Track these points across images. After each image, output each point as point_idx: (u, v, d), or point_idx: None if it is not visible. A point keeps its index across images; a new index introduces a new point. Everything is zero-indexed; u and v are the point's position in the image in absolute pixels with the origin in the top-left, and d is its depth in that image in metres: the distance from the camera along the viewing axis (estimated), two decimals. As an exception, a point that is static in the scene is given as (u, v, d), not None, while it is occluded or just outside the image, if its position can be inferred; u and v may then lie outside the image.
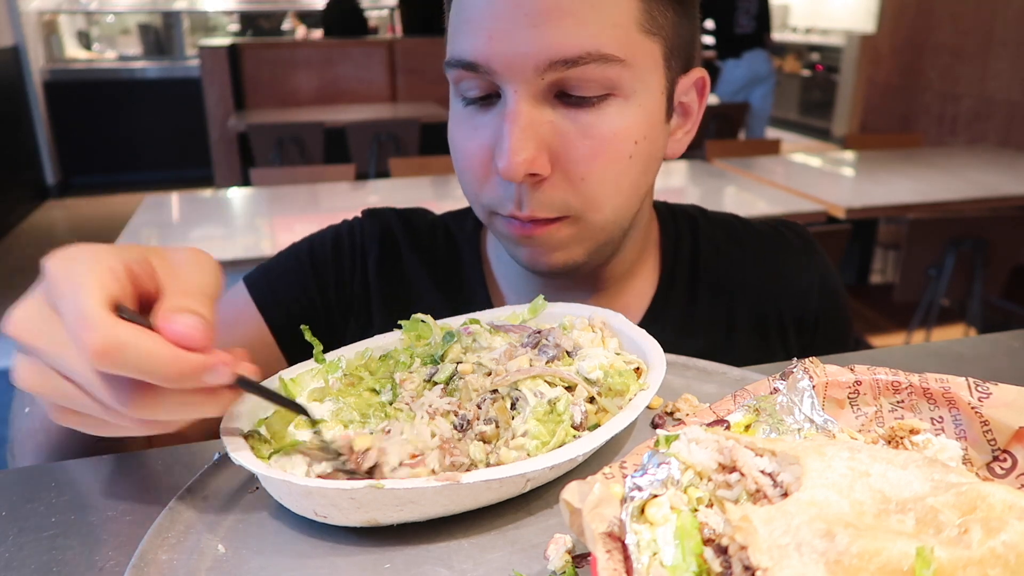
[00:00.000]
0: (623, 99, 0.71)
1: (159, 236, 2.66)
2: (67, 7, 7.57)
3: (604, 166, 0.72)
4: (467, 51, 0.70)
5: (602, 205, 0.74)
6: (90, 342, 0.41)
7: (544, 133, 0.70)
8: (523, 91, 0.69)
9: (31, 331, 0.45)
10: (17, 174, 6.39)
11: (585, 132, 0.71)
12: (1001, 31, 5.75)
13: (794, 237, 0.95)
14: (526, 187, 0.72)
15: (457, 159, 0.77)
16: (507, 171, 0.69)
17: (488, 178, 0.74)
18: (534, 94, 0.69)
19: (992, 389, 0.50)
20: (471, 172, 0.76)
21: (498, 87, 0.71)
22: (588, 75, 0.69)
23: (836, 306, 0.94)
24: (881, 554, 0.31)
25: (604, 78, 0.69)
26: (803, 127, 9.70)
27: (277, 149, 4.72)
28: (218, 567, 0.48)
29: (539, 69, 0.68)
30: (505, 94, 0.70)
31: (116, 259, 0.46)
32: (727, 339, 0.89)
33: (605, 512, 0.38)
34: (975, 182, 3.33)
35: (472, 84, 0.72)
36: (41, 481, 0.58)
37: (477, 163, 0.74)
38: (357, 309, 0.90)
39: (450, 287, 0.91)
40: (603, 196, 0.73)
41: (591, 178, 0.72)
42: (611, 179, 0.73)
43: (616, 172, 0.73)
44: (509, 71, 0.69)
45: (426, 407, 0.55)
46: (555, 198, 0.72)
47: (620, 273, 0.87)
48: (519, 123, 0.69)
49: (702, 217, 0.96)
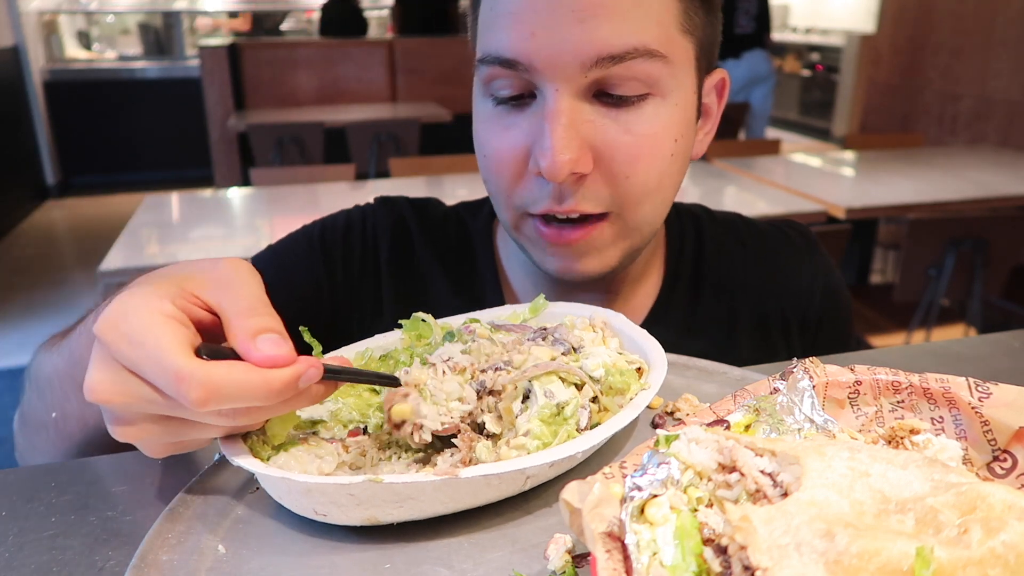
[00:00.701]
0: (661, 98, 0.71)
1: (159, 236, 2.65)
2: (67, 7, 7.57)
3: (648, 164, 0.71)
4: (505, 47, 0.68)
5: (642, 203, 0.73)
6: (191, 395, 0.43)
7: (586, 132, 0.69)
8: (565, 89, 0.68)
9: (120, 394, 0.46)
10: (17, 174, 6.39)
11: (627, 130, 0.70)
12: (1001, 31, 5.75)
13: (797, 237, 0.95)
14: (567, 185, 0.70)
15: (487, 160, 0.76)
16: (551, 170, 0.67)
17: (521, 179, 0.73)
18: (575, 92, 0.68)
19: (992, 389, 0.50)
20: (503, 174, 0.74)
21: (535, 86, 0.70)
22: (632, 72, 0.68)
23: (838, 306, 0.94)
24: (881, 554, 0.31)
25: (647, 75, 0.69)
26: (803, 127, 9.70)
27: (277, 149, 4.72)
28: (218, 567, 0.48)
29: (584, 66, 0.66)
30: (544, 92, 0.69)
31: (165, 303, 0.47)
32: (729, 338, 0.89)
33: (605, 512, 0.38)
34: (975, 182, 3.33)
35: (506, 83, 0.71)
36: (41, 481, 0.58)
37: (510, 164, 0.73)
38: (365, 298, 0.89)
39: (462, 280, 0.90)
40: (645, 195, 0.73)
41: (635, 177, 0.71)
42: (654, 178, 0.72)
43: (659, 171, 0.72)
44: (552, 68, 0.67)
45: (444, 359, 0.56)
46: (599, 194, 0.71)
47: (633, 276, 0.87)
48: (562, 122, 0.67)
49: (707, 216, 0.96)
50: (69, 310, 4.53)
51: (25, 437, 0.73)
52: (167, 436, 0.49)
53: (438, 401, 0.54)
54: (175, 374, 0.44)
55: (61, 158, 7.12)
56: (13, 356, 3.94)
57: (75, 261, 5.50)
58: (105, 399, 0.46)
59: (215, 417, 0.47)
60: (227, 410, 0.46)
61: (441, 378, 0.55)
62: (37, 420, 0.69)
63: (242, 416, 0.47)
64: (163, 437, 0.49)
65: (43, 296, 4.72)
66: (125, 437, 0.49)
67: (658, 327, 0.68)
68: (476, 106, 0.77)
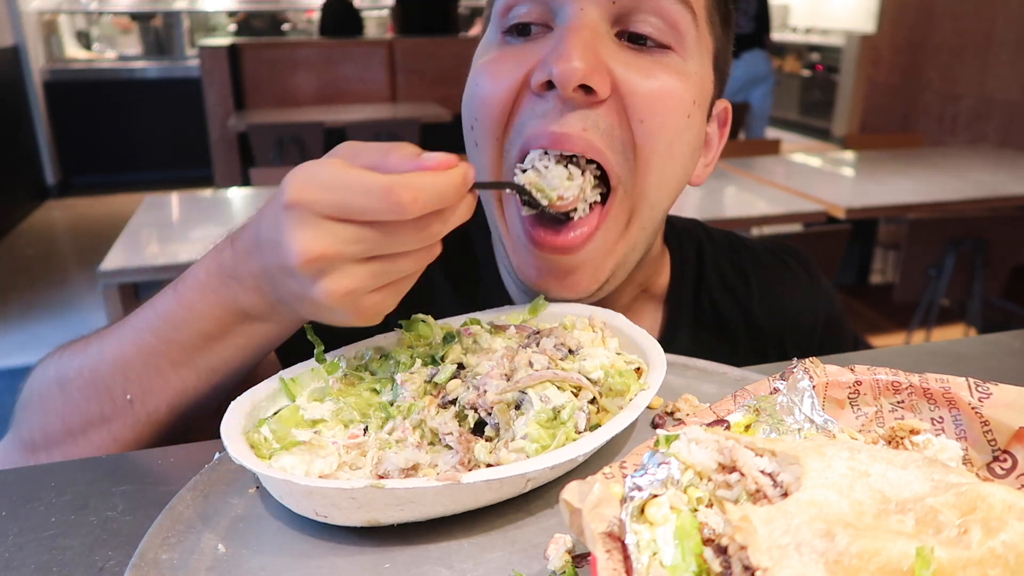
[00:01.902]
0: (681, 58, 0.69)
1: (159, 236, 2.65)
2: (67, 7, 7.57)
3: (665, 112, 0.67)
4: None
5: (652, 167, 0.68)
6: (403, 197, 0.49)
7: (607, 56, 0.66)
8: (591, 9, 0.65)
9: (331, 243, 0.51)
10: (17, 174, 6.39)
11: (649, 73, 0.67)
12: (1001, 31, 5.75)
13: (798, 268, 0.93)
14: (574, 106, 0.65)
15: (477, 95, 0.70)
16: (563, 73, 0.63)
17: (517, 103, 0.68)
18: (601, 16, 0.66)
19: (992, 389, 0.50)
20: (495, 100, 0.68)
21: (554, 12, 0.67)
22: (662, 8, 0.66)
23: (839, 335, 0.93)
24: (881, 554, 0.31)
25: (672, 19, 0.67)
26: (803, 127, 9.70)
27: (277, 149, 4.72)
28: (218, 567, 0.48)
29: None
30: (566, 13, 0.66)
31: (335, 159, 0.54)
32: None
33: (605, 512, 0.38)
34: (975, 182, 3.33)
35: (526, 8, 0.68)
36: (41, 481, 0.58)
37: (506, 87, 0.68)
38: None
39: (464, 283, 0.87)
40: (655, 155, 0.68)
41: (650, 121, 0.67)
42: (668, 133, 0.68)
43: (675, 126, 0.68)
44: None
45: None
46: (613, 131, 0.66)
47: (623, 305, 0.82)
48: (583, 35, 0.64)
49: (705, 237, 0.92)
50: (69, 310, 4.53)
51: (46, 452, 0.67)
52: (377, 279, 0.53)
53: None
54: (383, 187, 0.49)
55: (61, 158, 7.12)
56: (13, 356, 3.94)
57: (75, 261, 5.50)
58: (318, 253, 0.50)
59: (416, 234, 0.52)
60: (425, 223, 0.52)
61: None
62: (77, 423, 0.65)
63: (437, 223, 0.53)
64: (374, 281, 0.53)
65: (43, 296, 4.72)
66: (336, 295, 0.52)
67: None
68: (481, 50, 0.73)
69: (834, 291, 0.94)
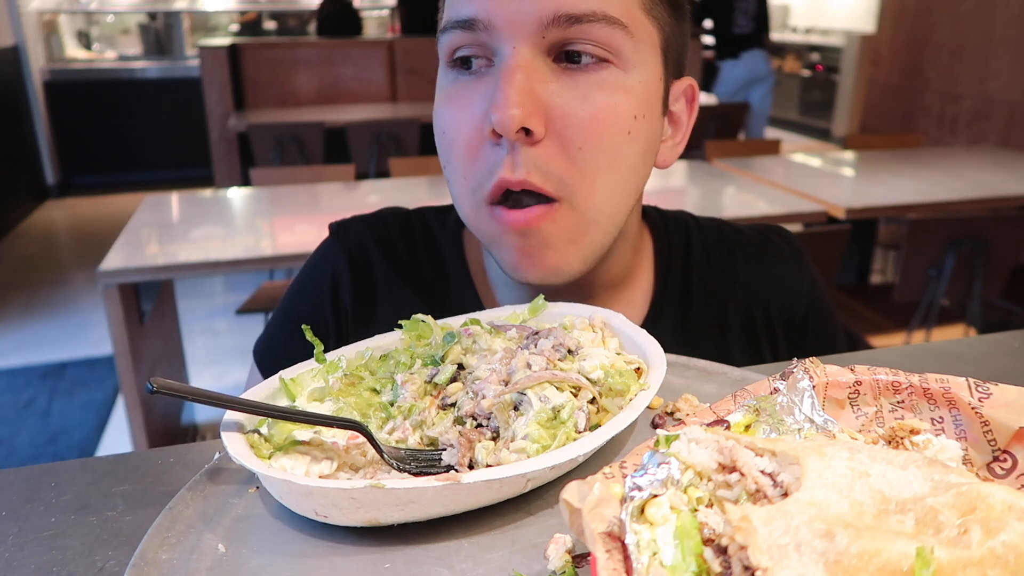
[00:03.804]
0: (622, 71, 0.70)
1: (159, 236, 2.66)
2: (67, 7, 7.57)
3: (602, 135, 0.69)
4: (466, 9, 0.68)
5: (596, 185, 0.71)
6: None
7: (541, 91, 0.68)
8: (522, 48, 0.67)
9: None
10: (17, 174, 6.39)
11: (584, 98, 0.69)
12: (1001, 31, 5.75)
13: (783, 245, 0.95)
14: (519, 148, 0.68)
15: (444, 136, 0.74)
16: (501, 121, 0.66)
17: (479, 149, 0.71)
18: (533, 52, 0.68)
19: (992, 389, 0.50)
20: (460, 145, 0.72)
21: (493, 51, 0.69)
22: (592, 35, 0.68)
23: (824, 313, 0.94)
24: (881, 554, 0.31)
25: (607, 41, 0.68)
26: (803, 127, 9.70)
27: (277, 149, 4.72)
28: (218, 567, 0.48)
29: (542, 24, 0.66)
30: (502, 53, 0.68)
31: None
32: (720, 345, 0.89)
33: (605, 512, 0.38)
34: (975, 182, 3.33)
35: (467, 49, 0.71)
36: (41, 481, 0.58)
37: (468, 133, 0.71)
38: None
39: (435, 294, 0.89)
40: (598, 172, 0.70)
41: (588, 147, 0.69)
42: (607, 153, 0.70)
43: (613, 146, 0.70)
44: (510, 26, 0.67)
45: None
46: (550, 166, 0.69)
47: (610, 282, 0.85)
48: (516, 77, 0.67)
49: (693, 224, 0.95)
50: (69, 310, 4.53)
51: None
52: None
53: None
54: None
55: (61, 158, 7.13)
56: (13, 356, 3.94)
57: (75, 261, 5.50)
58: None
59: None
60: None
61: None
62: None
63: None
64: None
65: (43, 296, 4.72)
66: None
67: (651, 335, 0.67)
68: (438, 90, 0.76)
69: (819, 276, 0.96)
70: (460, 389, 0.59)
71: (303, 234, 2.65)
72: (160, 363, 2.91)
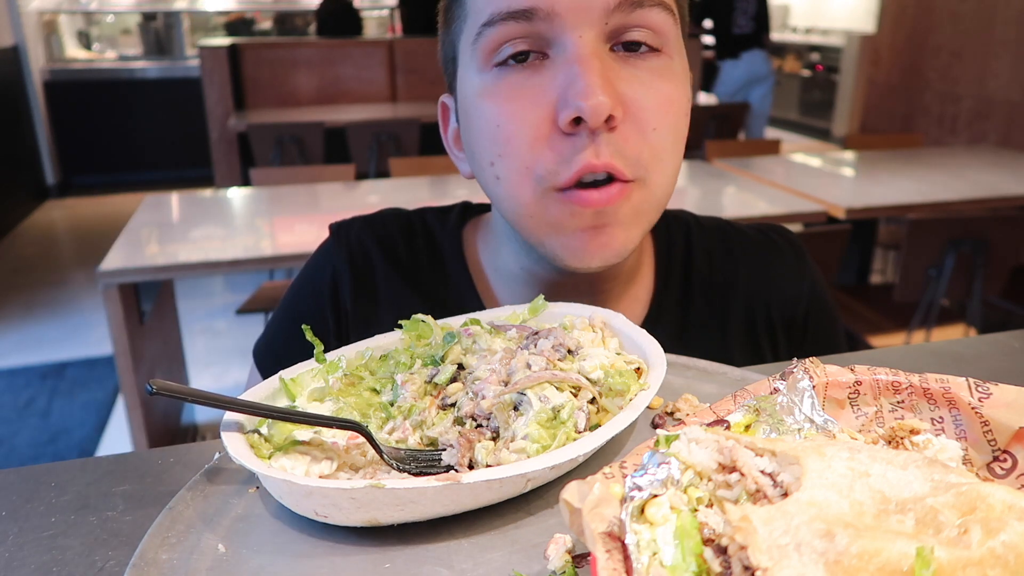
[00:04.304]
0: (669, 58, 0.72)
1: (159, 236, 2.65)
2: (67, 7, 7.57)
3: (671, 117, 0.72)
4: (521, 0, 0.67)
5: (666, 164, 0.73)
6: None
7: (614, 78, 0.69)
8: (589, 36, 0.68)
9: None
10: (17, 174, 6.39)
11: (650, 83, 0.70)
12: (1001, 31, 5.75)
13: (784, 243, 0.95)
14: (600, 136, 0.68)
15: (501, 129, 0.71)
16: (594, 109, 0.65)
17: (547, 139, 0.70)
18: (598, 39, 0.68)
19: (992, 389, 0.50)
20: (523, 136, 0.70)
21: (550, 42, 0.69)
22: (649, 20, 0.69)
23: (824, 312, 0.94)
24: (881, 554, 0.31)
25: (661, 28, 0.70)
26: (803, 127, 9.70)
27: (277, 149, 4.72)
28: (218, 567, 0.48)
29: (607, 10, 0.67)
30: (566, 42, 0.68)
31: None
32: (721, 343, 0.89)
33: (605, 512, 0.38)
34: (975, 182, 3.33)
35: (519, 41, 0.69)
36: (41, 481, 0.58)
37: (533, 124, 0.69)
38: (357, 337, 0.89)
39: (434, 295, 0.88)
40: (667, 153, 0.72)
41: (661, 129, 0.71)
42: (674, 135, 0.72)
43: (679, 128, 0.73)
44: (575, 14, 0.67)
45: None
46: (628, 150, 0.69)
47: (615, 279, 0.85)
48: (594, 64, 0.67)
49: (695, 224, 0.95)
50: (69, 310, 4.53)
51: None
52: None
53: None
54: None
55: (61, 158, 7.13)
56: (13, 356, 3.94)
57: (75, 261, 5.50)
58: None
59: None
60: None
61: None
62: None
63: None
64: None
65: (43, 296, 4.72)
66: None
67: (652, 333, 0.68)
68: (472, 87, 0.74)
69: (821, 276, 0.96)
70: (460, 389, 0.59)
71: (303, 234, 2.65)
72: (160, 363, 2.91)
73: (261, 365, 0.89)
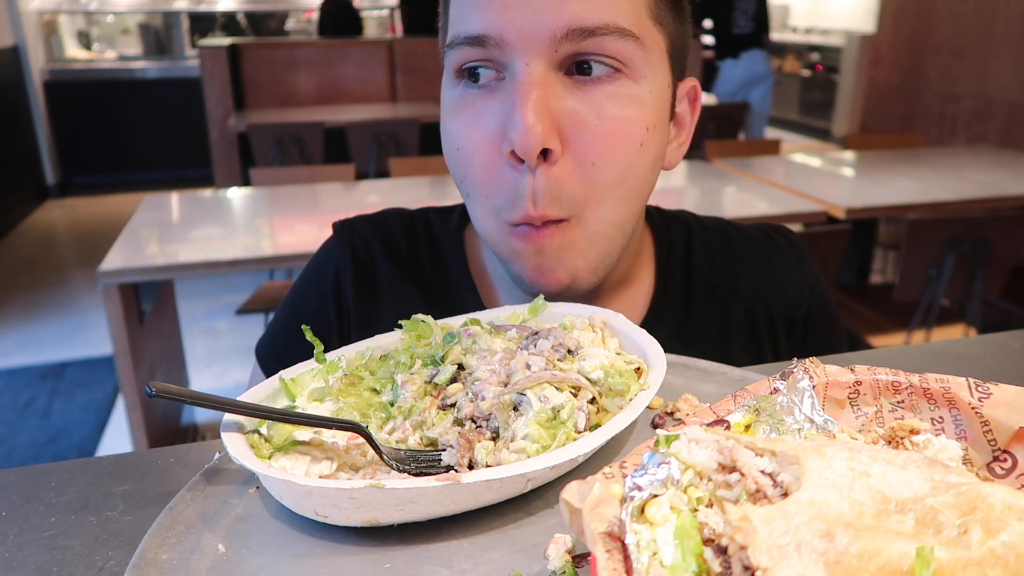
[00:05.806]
0: (633, 81, 0.70)
1: (159, 236, 2.66)
2: (67, 7, 7.57)
3: (615, 150, 0.69)
4: (476, 24, 0.67)
5: (604, 199, 0.71)
6: None
7: (556, 109, 0.68)
8: (536, 63, 0.67)
9: None
10: (17, 174, 6.39)
11: (598, 112, 0.68)
12: (1001, 31, 5.75)
13: (785, 243, 0.95)
14: (539, 174, 0.68)
15: (460, 154, 0.73)
16: (523, 144, 0.65)
17: (497, 168, 0.70)
18: (547, 67, 0.67)
19: (992, 389, 0.50)
20: (477, 164, 0.71)
21: (505, 66, 0.69)
22: (604, 48, 0.67)
23: (826, 312, 0.94)
24: (881, 554, 0.31)
25: (619, 54, 0.68)
26: (803, 127, 9.70)
27: (277, 149, 4.72)
28: (218, 567, 0.48)
29: (555, 38, 0.66)
30: (514, 69, 0.68)
31: None
32: (721, 343, 0.89)
33: (605, 512, 0.38)
34: (975, 182, 3.33)
35: (476, 63, 0.70)
36: (41, 481, 0.58)
37: (483, 151, 0.71)
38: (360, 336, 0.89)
39: (436, 294, 0.89)
40: (608, 187, 0.70)
41: (602, 162, 0.69)
42: (620, 167, 0.70)
43: (626, 159, 0.70)
44: (523, 41, 0.66)
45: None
46: (563, 191, 0.69)
47: (614, 283, 0.85)
48: (532, 94, 0.66)
49: (695, 223, 0.95)
50: (69, 310, 4.54)
51: None
52: None
53: None
54: None
55: (61, 158, 7.13)
56: (13, 356, 3.94)
57: (75, 261, 5.51)
58: None
59: None
60: None
61: None
62: None
63: None
64: None
65: (43, 296, 4.72)
66: None
67: (652, 334, 0.68)
68: (444, 102, 0.75)
69: (822, 276, 0.96)
70: (460, 390, 0.59)
71: (303, 234, 2.65)
72: (160, 363, 2.91)
73: (264, 363, 0.90)
